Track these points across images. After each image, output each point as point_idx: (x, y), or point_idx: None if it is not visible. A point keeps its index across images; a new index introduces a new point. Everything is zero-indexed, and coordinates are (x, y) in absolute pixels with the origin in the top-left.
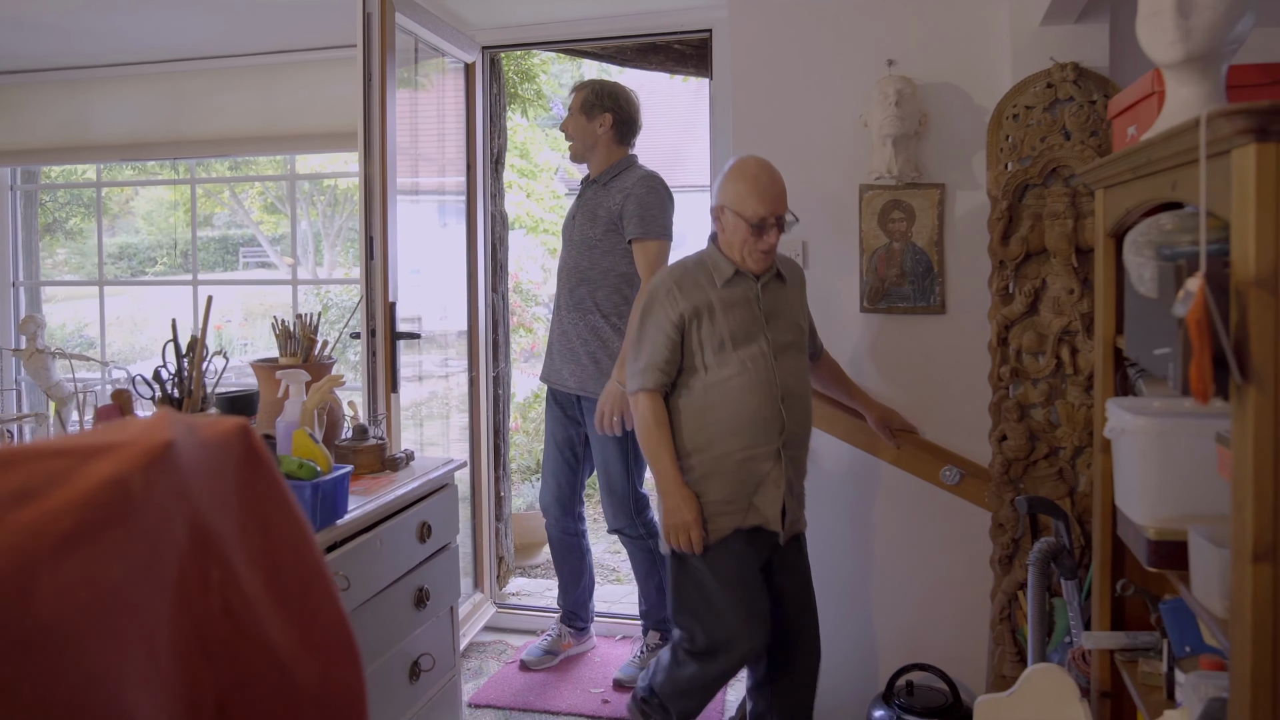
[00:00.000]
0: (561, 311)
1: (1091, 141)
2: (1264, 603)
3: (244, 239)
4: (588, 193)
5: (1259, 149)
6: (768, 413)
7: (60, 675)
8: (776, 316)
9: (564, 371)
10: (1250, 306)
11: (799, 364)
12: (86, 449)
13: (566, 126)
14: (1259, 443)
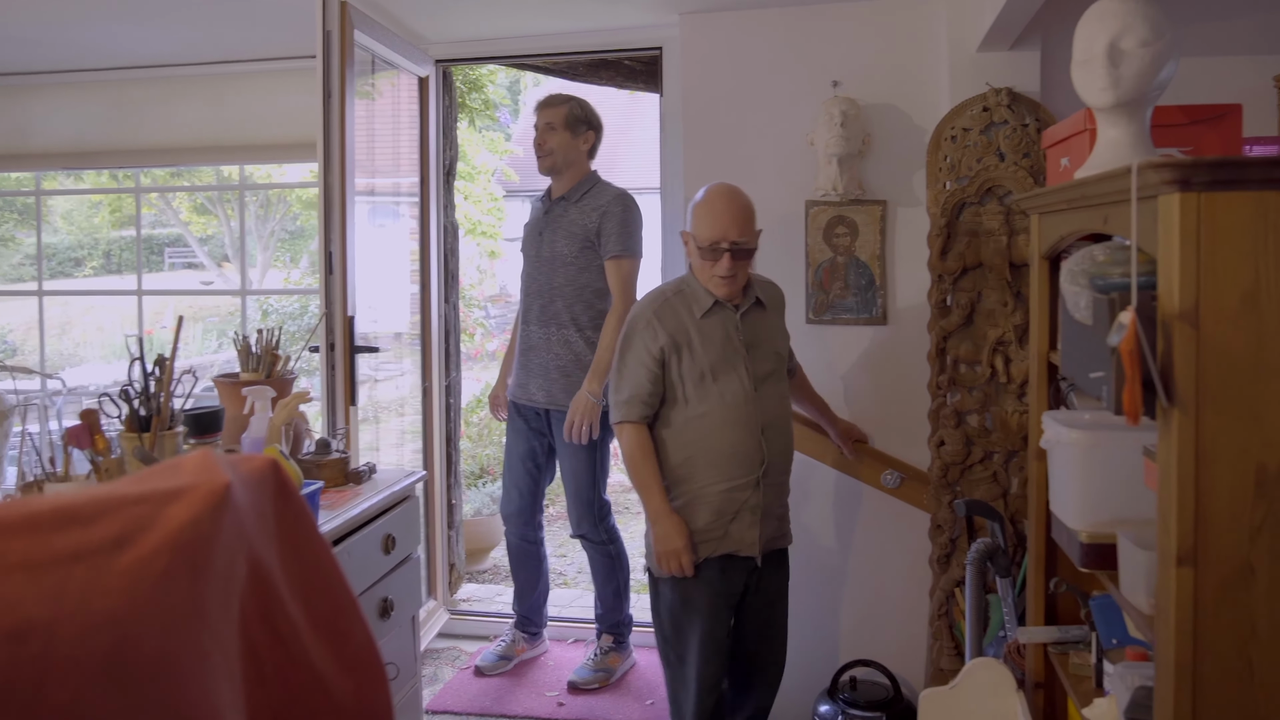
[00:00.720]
0: (531, 327)
1: (1024, 163)
2: (1186, 601)
3: (169, 239)
4: (556, 209)
5: (1182, 198)
6: (748, 446)
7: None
8: (757, 345)
9: (531, 387)
10: (1174, 337)
11: (779, 391)
12: (162, 495)
13: (548, 141)
14: (1182, 458)
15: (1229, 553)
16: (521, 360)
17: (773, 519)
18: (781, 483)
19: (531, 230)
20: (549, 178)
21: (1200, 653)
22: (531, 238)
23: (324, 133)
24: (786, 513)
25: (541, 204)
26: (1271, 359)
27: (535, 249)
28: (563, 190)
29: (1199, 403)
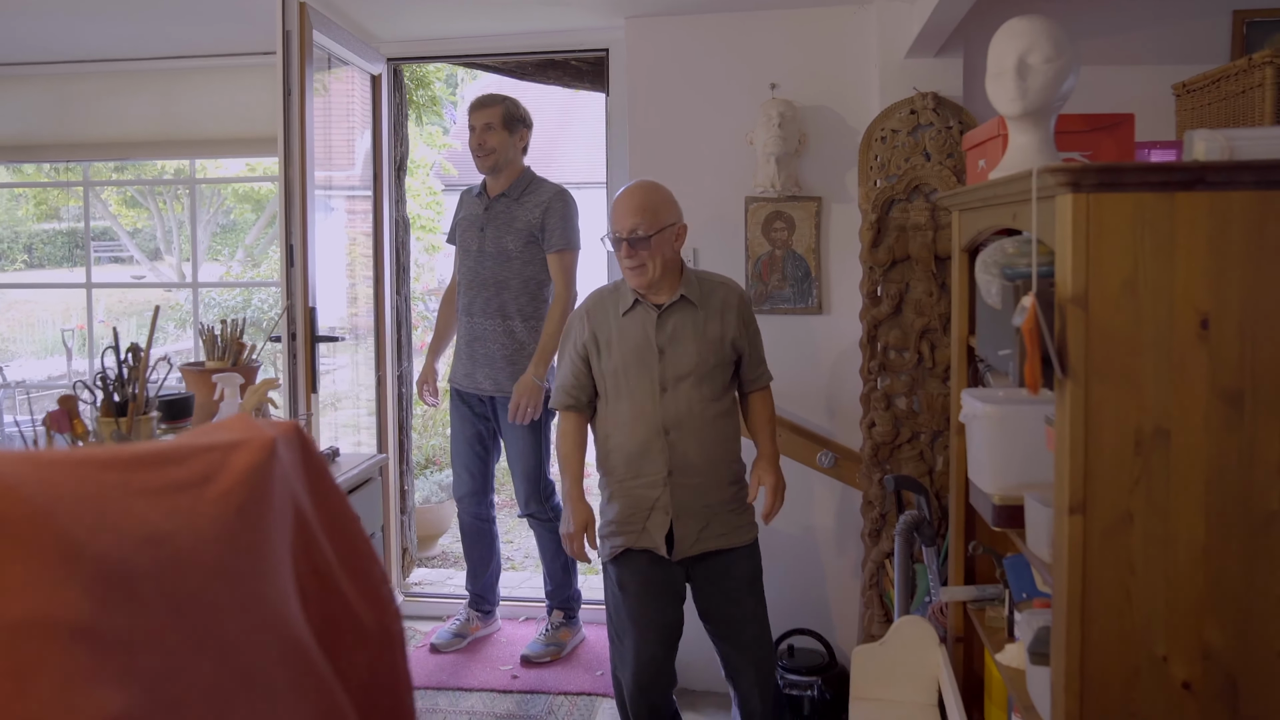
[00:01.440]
0: (475, 319)
1: (948, 162)
2: (1077, 544)
3: (96, 232)
4: (498, 206)
5: (1074, 198)
6: (651, 445)
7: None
8: (677, 344)
9: (478, 375)
10: (1068, 318)
11: (696, 394)
12: (226, 445)
13: (488, 141)
14: (1074, 422)
15: (1112, 503)
16: (466, 351)
17: (694, 519)
18: (700, 484)
19: (469, 225)
20: (488, 176)
21: (1088, 588)
22: (470, 233)
23: (284, 130)
24: (726, 513)
25: (479, 200)
26: (1147, 336)
27: (477, 244)
28: (502, 187)
29: (1088, 375)
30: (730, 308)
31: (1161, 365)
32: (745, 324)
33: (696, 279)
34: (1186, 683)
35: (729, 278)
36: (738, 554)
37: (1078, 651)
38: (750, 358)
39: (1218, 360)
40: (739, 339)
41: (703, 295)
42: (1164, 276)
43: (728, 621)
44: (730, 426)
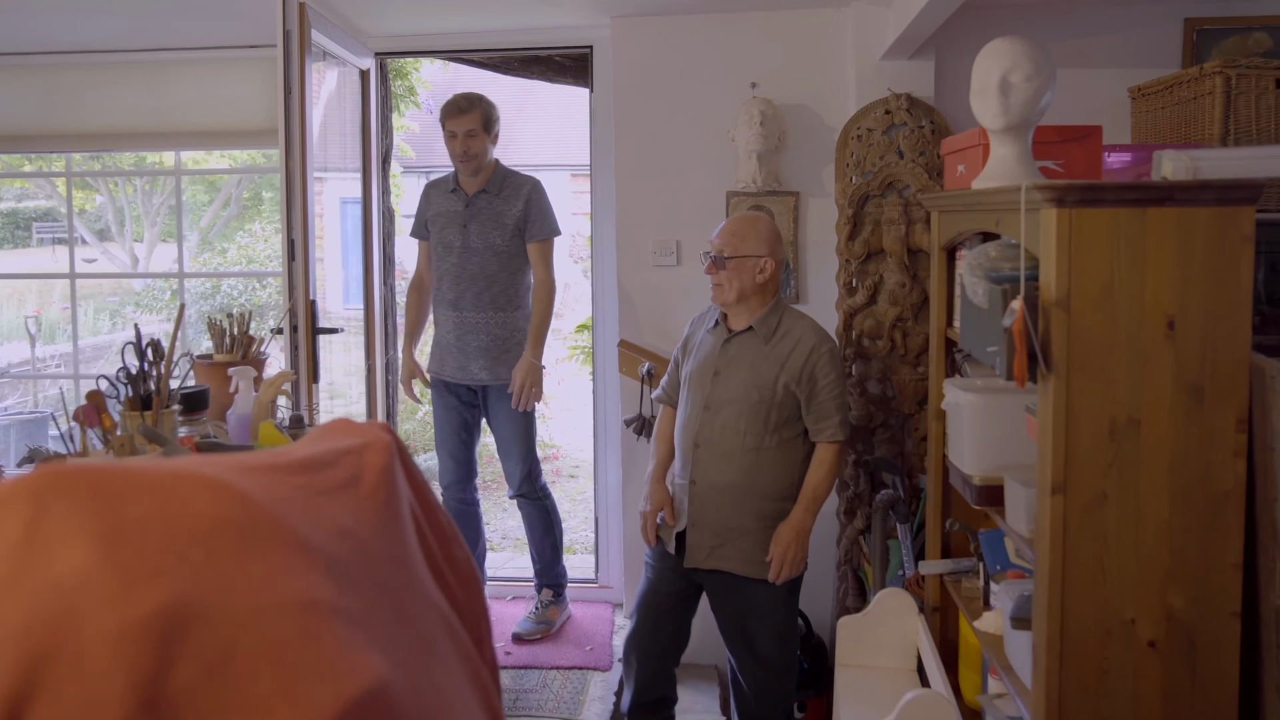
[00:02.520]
0: (465, 313)
1: (921, 160)
2: (1058, 521)
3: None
4: (479, 202)
5: (1058, 212)
6: (687, 452)
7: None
8: (733, 371)
9: (473, 367)
10: (1051, 319)
11: (735, 422)
12: (358, 448)
13: (472, 146)
14: (1056, 412)
15: (1089, 483)
16: (457, 345)
17: (708, 533)
18: (720, 503)
19: (449, 222)
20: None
21: (1068, 560)
22: (451, 229)
23: (285, 127)
24: (749, 544)
25: (455, 197)
26: (1120, 336)
27: (461, 240)
28: (480, 184)
29: (1069, 370)
30: (800, 354)
31: (1133, 362)
32: (812, 374)
33: (780, 317)
34: (1152, 641)
35: (822, 329)
36: (758, 585)
37: (1058, 616)
38: (812, 409)
39: (1182, 357)
40: (796, 386)
41: (775, 333)
42: (1136, 283)
43: (736, 641)
44: (770, 465)
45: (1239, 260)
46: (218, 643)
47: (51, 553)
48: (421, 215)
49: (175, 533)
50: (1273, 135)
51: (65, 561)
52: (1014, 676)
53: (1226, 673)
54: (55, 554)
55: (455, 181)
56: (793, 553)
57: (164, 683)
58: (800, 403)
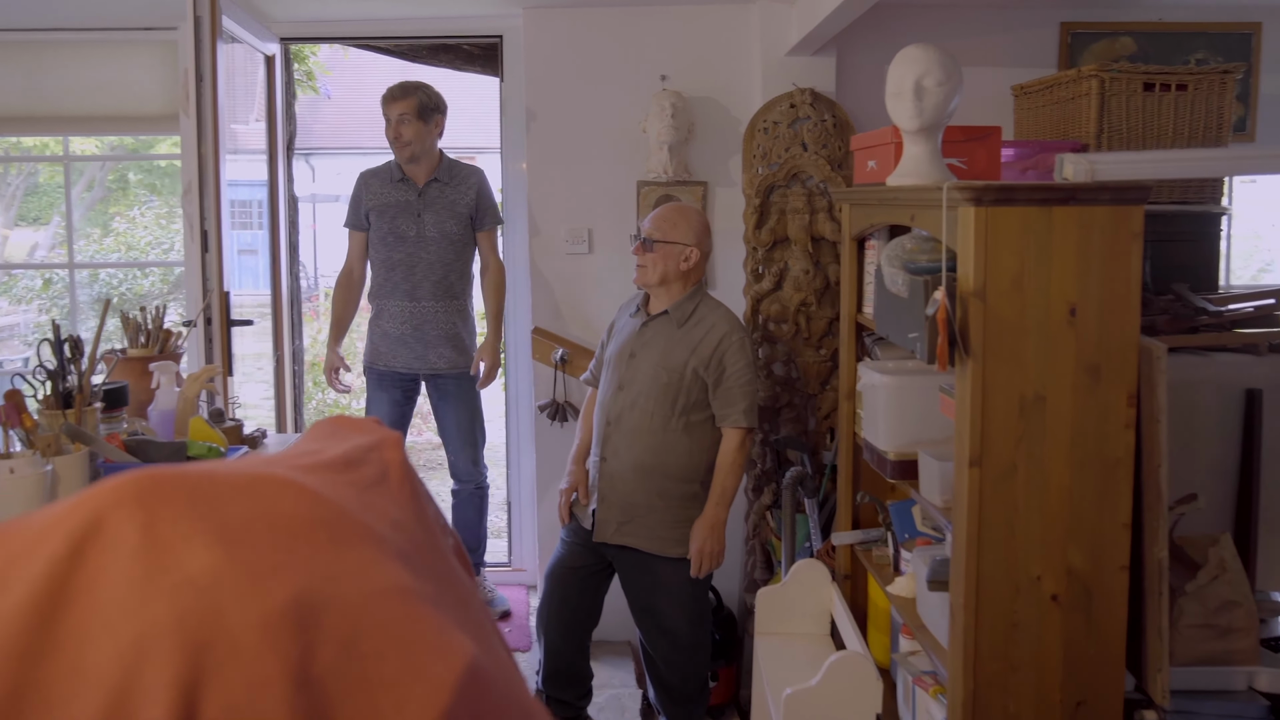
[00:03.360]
0: (422, 303)
1: (824, 153)
2: (975, 490)
3: None
4: (431, 192)
5: (975, 211)
6: (599, 427)
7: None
8: (646, 353)
9: (431, 356)
10: (969, 308)
11: (645, 402)
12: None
13: (404, 133)
14: (973, 392)
15: (1001, 456)
16: (414, 335)
17: (616, 509)
18: (627, 481)
19: (400, 212)
20: (406, 164)
21: (983, 526)
22: (404, 219)
23: (197, 116)
24: (655, 522)
25: (405, 186)
26: (1029, 324)
27: (415, 230)
28: (428, 174)
29: (985, 354)
30: (711, 341)
31: (1040, 346)
32: (719, 361)
33: (697, 304)
34: (1055, 595)
35: (737, 319)
36: (664, 561)
37: (974, 576)
38: (717, 395)
39: (1082, 341)
40: (705, 371)
41: (690, 319)
42: (1043, 275)
43: (645, 618)
44: (676, 446)
45: (1130, 254)
46: (345, 628)
47: (177, 553)
48: (359, 205)
49: (277, 531)
50: (1141, 133)
51: (193, 561)
52: (927, 634)
53: (1116, 619)
54: (181, 554)
55: (400, 170)
56: (710, 547)
57: (310, 665)
58: (708, 388)
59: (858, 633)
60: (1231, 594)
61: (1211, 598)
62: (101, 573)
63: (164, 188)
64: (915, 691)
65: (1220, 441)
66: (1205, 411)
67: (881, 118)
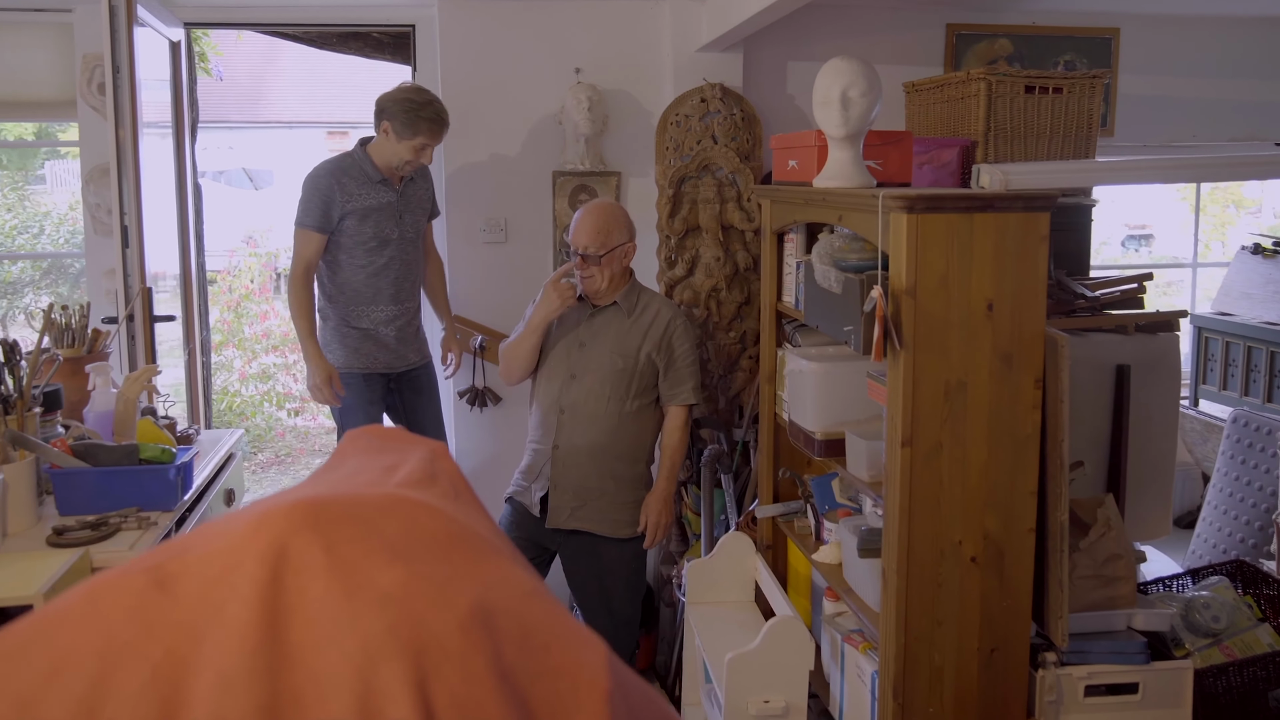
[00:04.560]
0: (406, 303)
1: (733, 145)
2: (906, 468)
3: None
4: (409, 190)
5: (908, 217)
6: (549, 418)
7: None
8: (598, 342)
9: (408, 353)
10: (901, 304)
11: (599, 389)
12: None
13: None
14: (905, 380)
15: (928, 436)
16: (396, 336)
17: (570, 495)
18: (581, 466)
19: (384, 213)
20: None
21: (913, 499)
22: (388, 221)
23: (114, 107)
24: (606, 504)
25: (385, 188)
26: (953, 317)
27: (397, 232)
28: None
29: (915, 345)
30: (659, 326)
31: (962, 337)
32: (669, 344)
33: (638, 293)
34: (974, 557)
35: (672, 302)
36: (612, 544)
37: (906, 543)
38: (668, 376)
39: (997, 332)
40: (656, 355)
41: (636, 308)
42: (965, 274)
43: (588, 600)
44: (629, 429)
45: (1038, 255)
46: (515, 627)
47: (365, 572)
48: (330, 206)
49: (431, 547)
50: (1023, 131)
51: (382, 578)
52: (855, 597)
53: (1024, 575)
54: (368, 573)
55: (376, 170)
56: (664, 519)
57: (503, 659)
58: (659, 371)
59: (787, 598)
60: (1116, 548)
61: (1099, 552)
62: (303, 593)
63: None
64: (844, 649)
65: (1096, 413)
66: (1082, 387)
67: (784, 112)
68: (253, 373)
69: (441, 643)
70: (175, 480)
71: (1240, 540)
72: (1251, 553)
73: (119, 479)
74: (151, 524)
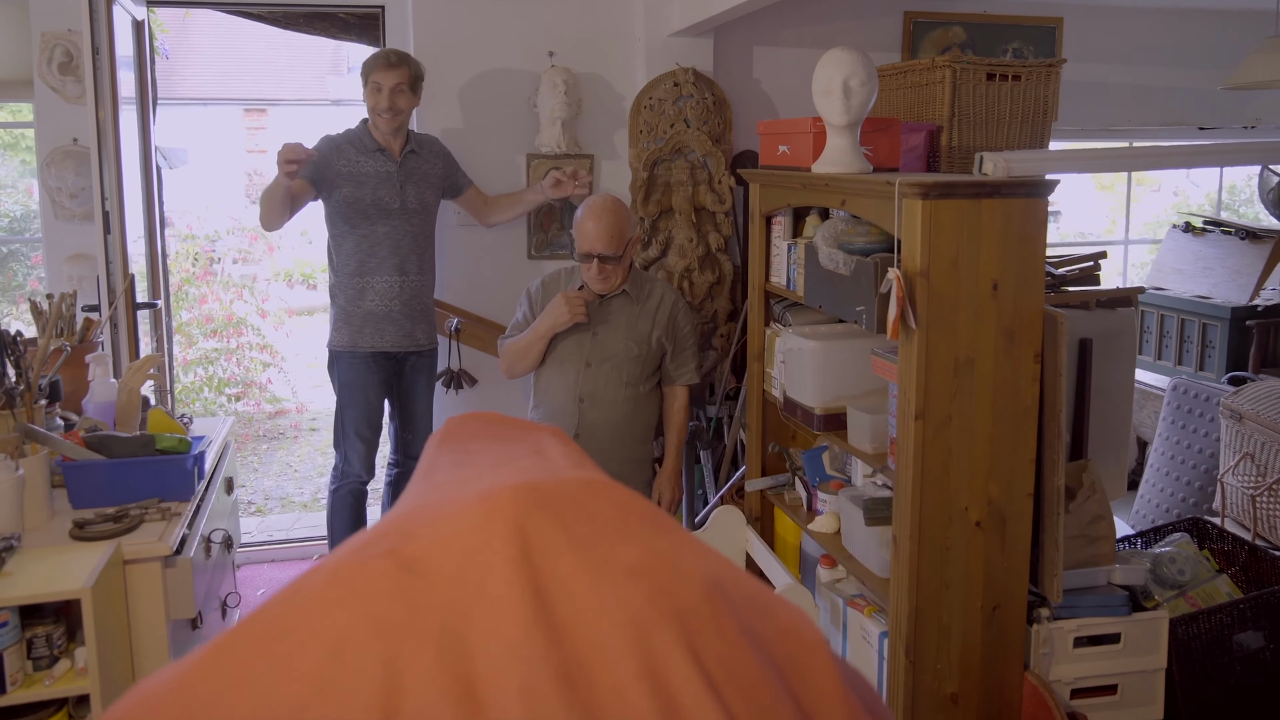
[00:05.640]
0: (411, 276)
1: (705, 129)
2: (919, 439)
3: None
4: (410, 162)
5: (922, 203)
6: (567, 408)
7: None
8: (608, 331)
9: (417, 332)
10: (915, 285)
11: (615, 375)
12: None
13: (399, 102)
14: (918, 356)
15: (939, 409)
16: (403, 310)
17: None
18: (601, 452)
19: (383, 183)
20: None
21: (925, 469)
22: (388, 190)
23: (94, 91)
24: None
25: (383, 157)
26: (962, 297)
27: (399, 202)
28: (402, 145)
29: (928, 324)
30: (665, 309)
31: (970, 316)
32: (675, 326)
33: (641, 280)
34: (979, 522)
35: (668, 284)
36: None
37: (918, 511)
38: (674, 356)
39: (1002, 311)
40: (665, 338)
41: (642, 293)
42: (973, 256)
43: None
44: (642, 411)
45: (1039, 237)
46: (741, 593)
47: (605, 549)
48: (326, 166)
49: (643, 524)
50: (985, 117)
51: (623, 554)
52: (856, 564)
53: (1023, 537)
54: (608, 549)
55: (373, 140)
56: (676, 495)
57: (745, 622)
58: (666, 352)
59: (784, 568)
60: (1099, 509)
61: (1084, 514)
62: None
63: None
64: (848, 613)
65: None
66: None
67: (751, 95)
68: (192, 358)
69: (695, 610)
70: (193, 470)
71: (1182, 500)
72: (1194, 511)
73: (135, 470)
74: (175, 515)
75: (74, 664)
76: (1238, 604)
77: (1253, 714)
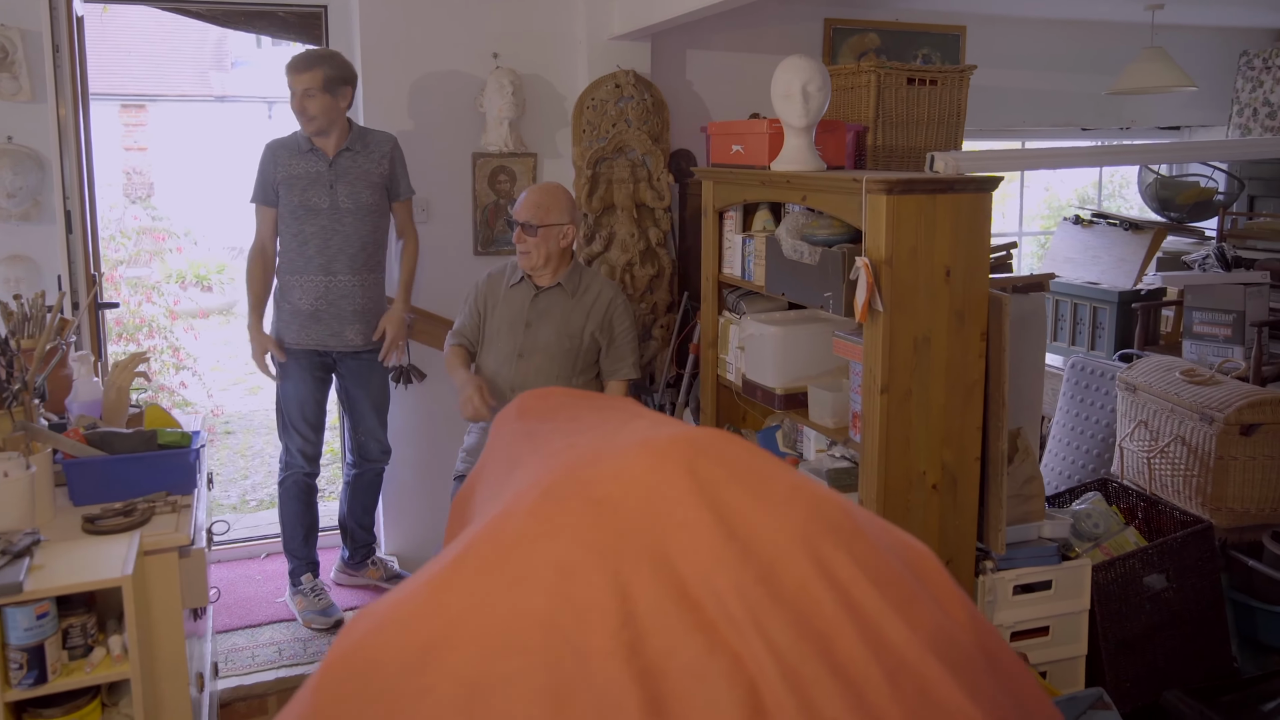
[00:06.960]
0: (338, 277)
1: (645, 128)
2: (883, 412)
3: None
4: (343, 162)
5: (887, 198)
6: (501, 398)
7: None
8: (543, 323)
9: (347, 332)
10: (880, 273)
11: (548, 367)
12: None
13: (309, 107)
14: (883, 337)
15: (901, 384)
16: (329, 310)
17: None
18: None
19: (311, 183)
20: (315, 137)
21: (889, 438)
22: (316, 191)
23: (56, 87)
24: None
25: (315, 157)
26: (920, 282)
27: (328, 202)
28: (338, 144)
29: (891, 307)
30: (601, 305)
31: (927, 299)
32: (611, 323)
33: (580, 275)
34: (935, 484)
35: (613, 282)
36: None
37: (883, 477)
38: (609, 353)
39: (954, 294)
40: (599, 333)
41: (579, 288)
42: (929, 246)
43: None
44: None
45: (984, 228)
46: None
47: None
48: (268, 178)
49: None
50: (906, 119)
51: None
52: None
53: (971, 496)
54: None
55: (309, 141)
56: None
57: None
58: (601, 348)
59: None
60: (1031, 471)
61: (1019, 475)
62: (722, 501)
63: None
64: None
65: None
66: None
67: (684, 96)
68: None
69: (842, 524)
70: (195, 463)
71: (1082, 466)
72: (1093, 475)
73: (139, 465)
74: (184, 507)
75: (109, 652)
76: (1144, 551)
77: (1160, 646)
